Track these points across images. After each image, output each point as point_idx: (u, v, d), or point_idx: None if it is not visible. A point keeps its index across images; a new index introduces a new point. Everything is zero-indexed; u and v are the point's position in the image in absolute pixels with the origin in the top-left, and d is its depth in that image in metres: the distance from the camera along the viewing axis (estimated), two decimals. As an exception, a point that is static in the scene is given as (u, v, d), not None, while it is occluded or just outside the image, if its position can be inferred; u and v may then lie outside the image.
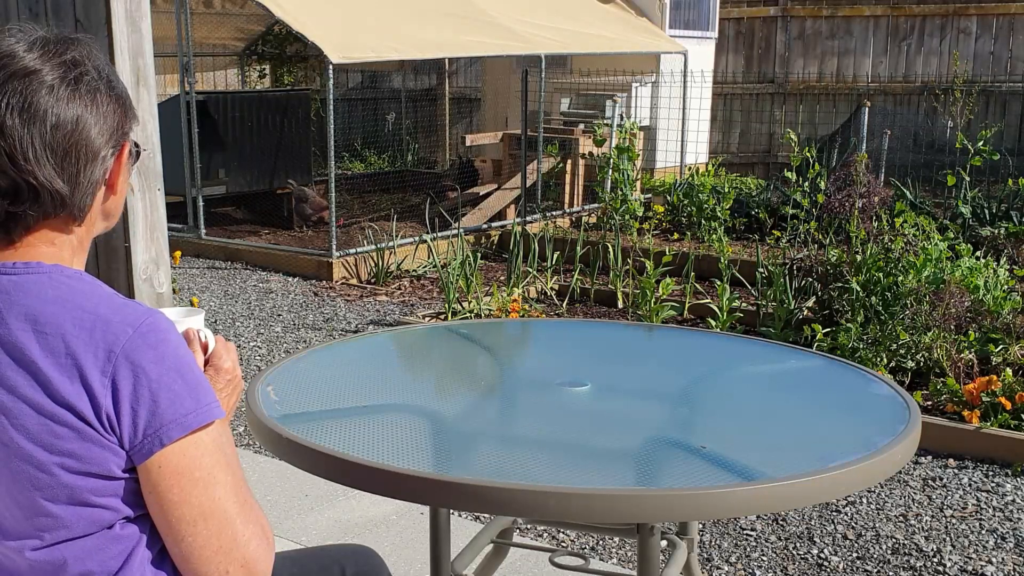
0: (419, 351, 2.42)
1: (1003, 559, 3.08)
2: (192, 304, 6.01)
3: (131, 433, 1.17)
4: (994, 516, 3.36)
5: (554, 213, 8.21)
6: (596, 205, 8.13)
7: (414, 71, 12.20)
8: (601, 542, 3.20)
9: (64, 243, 1.27)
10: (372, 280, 6.80)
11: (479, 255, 6.48)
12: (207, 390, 1.23)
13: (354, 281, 6.84)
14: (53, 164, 1.21)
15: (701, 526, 3.26)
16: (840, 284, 4.85)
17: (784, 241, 5.90)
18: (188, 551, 1.21)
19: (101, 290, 1.24)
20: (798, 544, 3.18)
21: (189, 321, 1.47)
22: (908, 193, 7.55)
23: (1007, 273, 4.93)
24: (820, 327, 4.62)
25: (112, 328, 1.18)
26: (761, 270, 5.54)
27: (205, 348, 1.44)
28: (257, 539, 1.24)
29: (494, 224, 7.93)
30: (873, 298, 4.64)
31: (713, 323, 5.23)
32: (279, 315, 5.90)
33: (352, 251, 6.96)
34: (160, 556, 1.26)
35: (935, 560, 3.07)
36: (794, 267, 5.33)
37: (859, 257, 4.86)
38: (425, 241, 7.05)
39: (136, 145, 1.37)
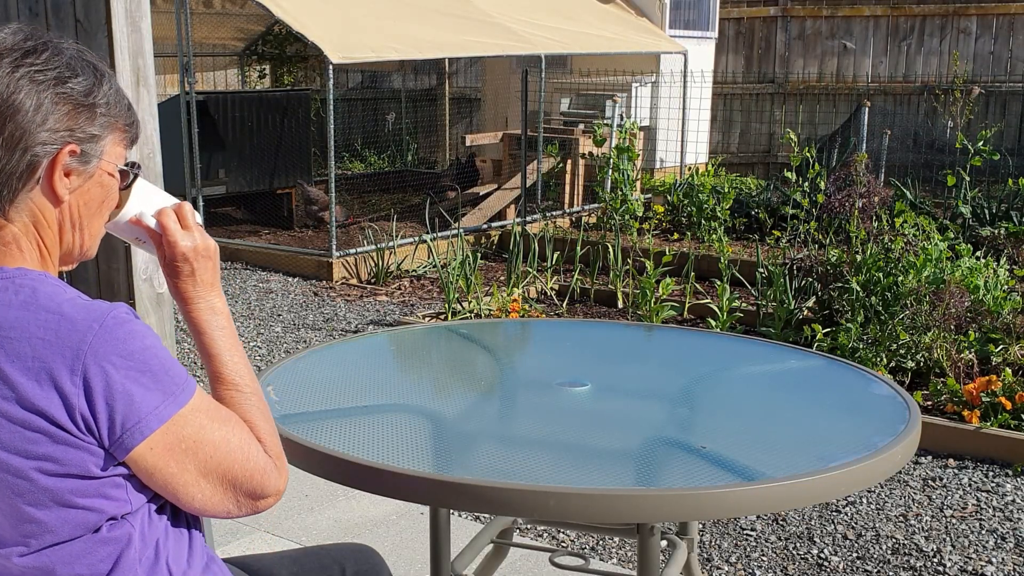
0: (419, 351, 2.42)
1: (1003, 559, 3.08)
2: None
3: (109, 430, 1.17)
4: (994, 516, 3.36)
5: (554, 213, 8.21)
6: (596, 205, 8.13)
7: (414, 71, 12.20)
8: (601, 542, 3.20)
9: (17, 241, 1.25)
10: (372, 280, 6.80)
11: (479, 255, 6.48)
12: (176, 374, 1.22)
13: (354, 281, 6.84)
14: None
15: (701, 526, 3.25)
16: (840, 284, 4.85)
17: (784, 241, 5.90)
18: (201, 506, 1.26)
19: (65, 292, 1.22)
20: (798, 544, 3.18)
21: (130, 208, 1.39)
22: (908, 193, 7.55)
23: (1007, 273, 4.93)
24: (820, 327, 4.62)
25: (77, 327, 1.17)
26: (761, 270, 5.54)
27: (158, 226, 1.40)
28: (260, 469, 1.28)
29: (494, 224, 7.93)
30: (873, 298, 4.64)
31: (713, 323, 5.23)
32: (279, 315, 5.90)
33: (352, 251, 6.96)
34: (151, 558, 1.26)
35: (935, 560, 3.07)
36: (794, 267, 5.33)
37: (859, 257, 4.86)
38: (425, 241, 7.05)
39: (134, 165, 1.33)
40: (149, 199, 1.41)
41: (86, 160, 1.26)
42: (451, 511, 2.48)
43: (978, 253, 5.52)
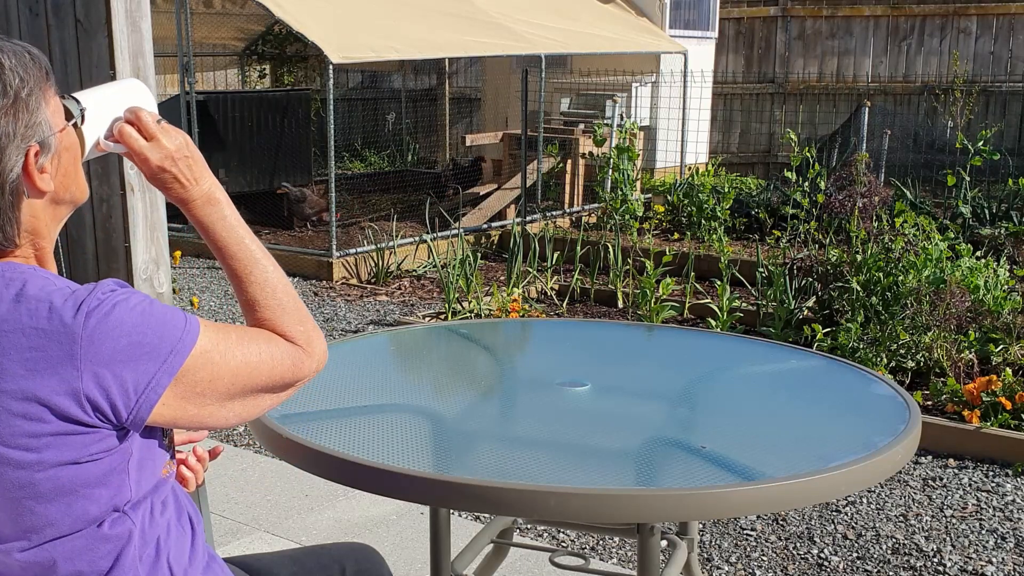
0: (419, 351, 2.42)
1: (1003, 559, 3.08)
2: (192, 304, 6.01)
3: (125, 401, 1.17)
4: (994, 516, 3.36)
5: (554, 213, 8.21)
6: (596, 205, 8.13)
7: (414, 71, 12.20)
8: (601, 542, 3.20)
9: (18, 255, 1.25)
10: (372, 280, 6.80)
11: (479, 255, 6.48)
12: (174, 324, 1.21)
13: (354, 281, 6.84)
14: None
15: (701, 526, 3.26)
16: (840, 284, 4.85)
17: (784, 241, 5.90)
18: (237, 422, 1.29)
19: (53, 283, 1.22)
20: (798, 544, 3.18)
21: (95, 129, 1.32)
22: (908, 193, 7.55)
23: (1007, 273, 4.93)
24: (820, 327, 4.62)
25: (68, 312, 1.17)
26: (761, 270, 5.54)
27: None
28: (288, 365, 1.31)
29: (494, 224, 7.93)
30: (873, 298, 4.64)
31: (713, 323, 5.23)
32: (279, 315, 5.89)
33: (352, 251, 6.96)
34: (152, 555, 1.26)
35: (935, 560, 3.07)
36: (794, 267, 5.33)
37: (859, 257, 4.86)
38: (425, 241, 7.05)
39: (76, 103, 1.29)
40: (103, 116, 1.35)
41: (47, 146, 1.24)
42: (451, 511, 2.48)
43: (978, 253, 5.52)
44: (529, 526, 3.23)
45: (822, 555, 3.11)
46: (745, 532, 3.25)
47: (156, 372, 1.18)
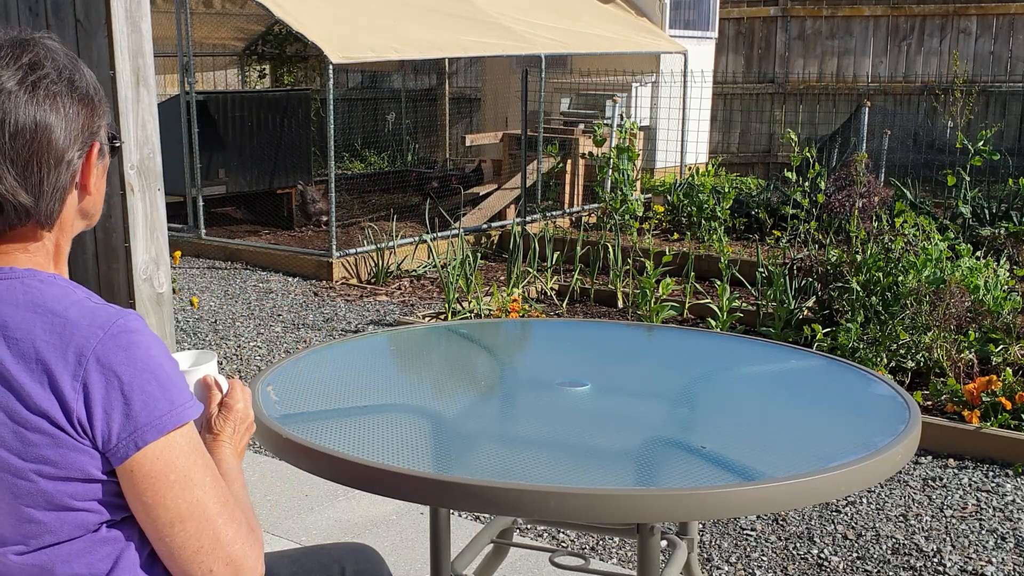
0: (419, 351, 2.42)
1: (1003, 559, 3.08)
2: (192, 304, 6.02)
3: (105, 437, 1.16)
4: (994, 516, 3.36)
5: (554, 213, 8.21)
6: (596, 205, 8.14)
7: (414, 71, 12.20)
8: (601, 542, 3.20)
9: (38, 249, 1.26)
10: (372, 280, 6.80)
11: (479, 255, 6.48)
12: (181, 389, 1.21)
13: (354, 281, 6.84)
14: (14, 175, 1.19)
15: (701, 526, 3.26)
16: (840, 284, 4.85)
17: (784, 241, 5.89)
18: (168, 550, 1.21)
19: (74, 294, 1.22)
20: (798, 544, 3.18)
21: (204, 368, 1.47)
22: (908, 193, 7.55)
23: (1007, 273, 4.93)
24: (820, 327, 4.62)
25: (82, 331, 1.17)
26: (761, 270, 5.54)
27: (220, 389, 1.47)
28: (242, 538, 1.24)
29: (494, 224, 7.93)
30: (873, 298, 4.64)
31: (713, 323, 5.23)
32: (279, 315, 5.90)
33: (352, 251, 6.96)
34: (150, 558, 1.25)
35: (935, 560, 3.07)
36: (794, 267, 5.33)
37: (859, 257, 4.86)
38: (425, 241, 7.05)
39: (113, 137, 1.35)
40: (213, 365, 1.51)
41: (103, 152, 1.31)
42: (451, 511, 2.48)
43: (978, 253, 5.52)
44: (529, 526, 3.23)
45: (822, 555, 3.11)
46: (745, 532, 3.25)
47: (142, 425, 1.17)
